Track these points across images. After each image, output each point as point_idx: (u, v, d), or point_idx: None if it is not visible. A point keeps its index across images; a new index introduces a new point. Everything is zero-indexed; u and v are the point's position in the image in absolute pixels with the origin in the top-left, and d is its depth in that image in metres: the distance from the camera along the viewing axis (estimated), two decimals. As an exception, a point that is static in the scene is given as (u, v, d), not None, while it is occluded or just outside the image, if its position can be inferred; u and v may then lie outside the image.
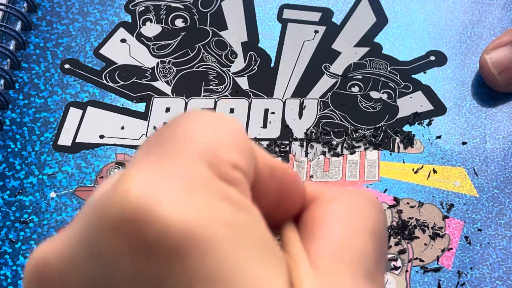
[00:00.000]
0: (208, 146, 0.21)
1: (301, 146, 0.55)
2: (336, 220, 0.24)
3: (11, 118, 0.57)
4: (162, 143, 0.21)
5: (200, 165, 0.20)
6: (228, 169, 0.21)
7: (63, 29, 0.62)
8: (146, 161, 0.20)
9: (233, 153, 0.21)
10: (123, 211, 0.19)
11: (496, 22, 0.62)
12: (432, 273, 0.49)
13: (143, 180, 0.19)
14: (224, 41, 0.61)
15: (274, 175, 0.24)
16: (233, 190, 0.21)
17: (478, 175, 0.54)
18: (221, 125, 0.22)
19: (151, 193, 0.19)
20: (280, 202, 0.25)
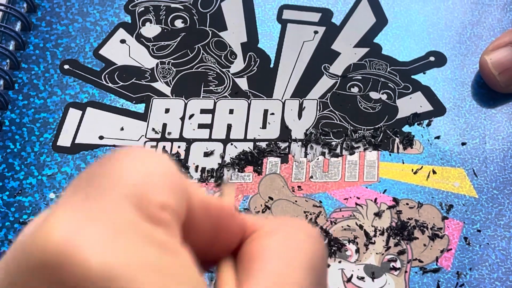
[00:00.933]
0: (136, 187, 0.21)
1: (301, 147, 0.55)
2: (271, 255, 0.24)
3: (11, 119, 0.57)
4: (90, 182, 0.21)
5: (126, 207, 0.20)
6: (156, 210, 0.21)
7: (63, 29, 0.62)
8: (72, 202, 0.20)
9: (162, 193, 0.21)
10: (44, 256, 0.19)
11: (496, 23, 0.62)
12: (431, 274, 0.49)
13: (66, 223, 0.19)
14: (224, 42, 0.61)
15: (209, 212, 0.24)
16: (160, 231, 0.20)
17: (478, 176, 0.54)
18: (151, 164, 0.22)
19: (73, 237, 0.19)
20: (216, 238, 0.24)
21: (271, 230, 0.25)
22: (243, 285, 0.23)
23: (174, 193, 0.22)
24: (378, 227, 0.51)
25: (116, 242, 0.19)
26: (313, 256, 0.24)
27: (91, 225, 0.19)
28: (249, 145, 0.55)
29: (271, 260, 0.23)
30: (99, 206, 0.20)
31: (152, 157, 0.22)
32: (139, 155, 0.22)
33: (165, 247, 0.20)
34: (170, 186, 0.22)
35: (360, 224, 0.51)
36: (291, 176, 0.54)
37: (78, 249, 0.19)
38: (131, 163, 0.22)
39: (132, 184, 0.21)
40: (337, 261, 0.50)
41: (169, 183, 0.22)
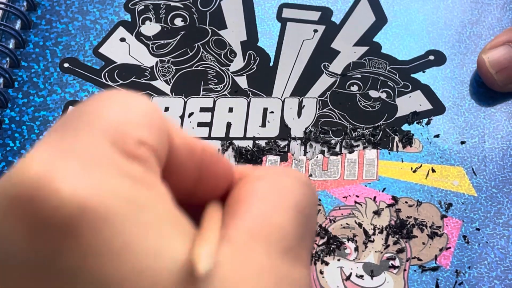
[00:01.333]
0: (114, 123, 0.21)
1: (300, 145, 0.55)
2: (258, 197, 0.24)
3: (10, 117, 0.57)
4: (69, 122, 0.21)
5: (102, 141, 0.21)
6: (133, 145, 0.21)
7: (63, 28, 0.62)
8: (49, 140, 0.21)
9: (141, 130, 0.21)
10: (18, 188, 0.19)
11: (495, 22, 0.62)
12: (430, 272, 0.49)
13: (42, 158, 0.20)
14: (224, 40, 0.61)
15: (192, 154, 0.24)
16: (135, 166, 0.21)
17: (477, 175, 0.54)
18: (132, 104, 0.22)
19: (47, 170, 0.19)
20: (201, 179, 0.25)
21: (259, 175, 0.25)
22: (227, 225, 0.23)
23: (153, 131, 0.22)
24: (377, 225, 0.51)
25: (90, 175, 0.19)
26: (300, 200, 0.24)
27: (66, 159, 0.20)
28: (249, 143, 0.55)
29: (257, 202, 0.24)
30: (75, 141, 0.20)
31: (133, 98, 0.23)
32: (119, 95, 0.22)
33: (140, 181, 0.21)
34: (149, 124, 0.22)
35: (359, 223, 0.51)
36: (291, 174, 0.54)
37: (51, 181, 0.19)
38: (111, 103, 0.22)
39: (109, 121, 0.21)
40: (336, 259, 0.50)
41: (148, 121, 0.22)
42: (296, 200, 0.24)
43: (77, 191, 0.19)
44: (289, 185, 0.25)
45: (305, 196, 0.25)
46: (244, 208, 0.23)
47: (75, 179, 0.19)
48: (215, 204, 0.25)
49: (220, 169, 0.25)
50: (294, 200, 0.24)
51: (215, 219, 0.23)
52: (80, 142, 0.20)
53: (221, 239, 0.22)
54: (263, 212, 0.23)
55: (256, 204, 0.23)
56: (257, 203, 0.24)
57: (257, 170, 0.26)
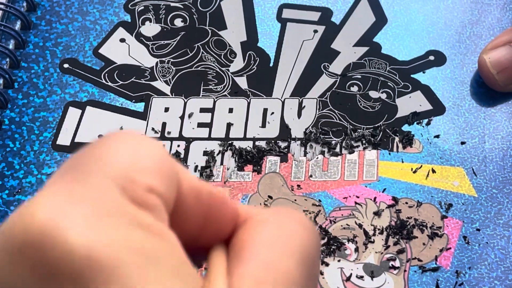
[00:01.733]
0: (123, 169, 0.21)
1: (300, 146, 0.55)
2: (263, 243, 0.23)
3: (10, 118, 0.57)
4: (78, 165, 0.21)
5: (112, 189, 0.20)
6: (142, 193, 0.21)
7: (63, 28, 0.62)
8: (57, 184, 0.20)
9: (150, 176, 0.21)
10: (26, 235, 0.19)
11: (496, 22, 0.62)
12: (431, 273, 0.49)
13: (49, 204, 0.19)
14: (223, 41, 0.61)
15: (199, 199, 0.24)
16: (145, 215, 0.20)
17: (477, 175, 0.54)
18: (141, 148, 0.22)
19: (56, 218, 0.19)
20: (207, 225, 0.24)
21: (263, 219, 0.25)
22: (233, 273, 0.22)
23: (162, 177, 0.22)
24: (377, 226, 0.51)
25: (99, 224, 0.19)
26: (305, 246, 0.24)
27: (75, 207, 0.19)
28: (249, 144, 0.55)
29: (262, 248, 0.23)
30: (85, 188, 0.20)
31: (142, 141, 0.22)
32: (128, 138, 0.22)
33: (150, 230, 0.20)
34: (159, 170, 0.22)
35: (359, 223, 0.51)
36: (291, 175, 0.54)
37: (60, 229, 0.19)
38: (119, 146, 0.22)
39: (119, 167, 0.21)
40: (336, 260, 0.50)
41: (158, 167, 0.22)
42: (301, 245, 0.24)
43: (88, 241, 0.19)
44: (294, 230, 0.24)
45: (309, 241, 0.24)
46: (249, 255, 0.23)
47: (83, 228, 0.19)
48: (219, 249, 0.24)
49: (227, 213, 0.25)
50: (299, 246, 0.24)
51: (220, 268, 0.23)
52: (89, 188, 0.20)
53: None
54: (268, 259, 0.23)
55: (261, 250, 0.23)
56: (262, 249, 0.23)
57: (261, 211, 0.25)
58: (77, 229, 0.19)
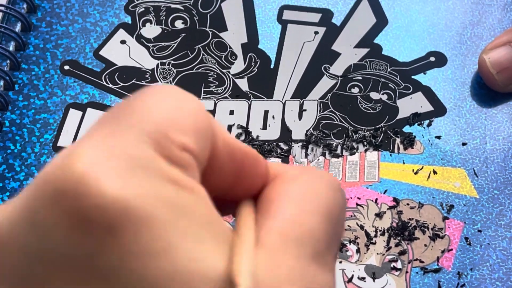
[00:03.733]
0: (160, 126, 0.21)
1: (301, 147, 0.55)
2: (290, 199, 0.24)
3: (11, 119, 0.57)
4: (116, 117, 0.22)
5: (148, 145, 0.21)
6: (176, 150, 0.21)
7: (63, 30, 0.62)
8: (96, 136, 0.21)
9: (186, 134, 0.22)
10: (63, 184, 0.19)
11: (496, 23, 0.62)
12: (432, 274, 0.49)
13: (87, 156, 0.20)
14: (224, 43, 0.61)
15: (233, 156, 0.25)
16: (177, 171, 0.21)
17: (478, 176, 0.54)
18: (178, 104, 0.22)
19: (92, 169, 0.19)
20: (239, 181, 0.25)
21: (292, 176, 0.25)
22: (261, 226, 0.23)
23: (197, 136, 0.22)
24: (379, 227, 0.51)
25: (133, 177, 0.20)
26: (331, 205, 0.25)
27: (110, 160, 0.20)
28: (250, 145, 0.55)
29: (289, 204, 0.24)
30: (120, 142, 0.21)
31: (180, 97, 0.23)
32: (168, 93, 0.23)
33: (182, 186, 0.21)
34: (195, 128, 0.22)
35: (361, 225, 0.51)
36: (292, 176, 0.54)
37: (95, 180, 0.19)
38: (158, 101, 0.22)
39: (156, 123, 0.21)
40: (338, 262, 0.50)
41: (194, 125, 0.22)
42: (327, 205, 0.24)
43: (121, 192, 0.19)
44: (321, 190, 0.25)
45: (336, 202, 0.25)
46: (276, 210, 0.24)
47: (119, 180, 0.20)
48: (248, 204, 0.25)
49: (258, 171, 0.26)
50: (325, 205, 0.24)
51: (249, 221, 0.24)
52: (125, 142, 0.21)
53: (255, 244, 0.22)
54: (294, 215, 0.24)
55: (288, 206, 0.24)
56: (289, 205, 0.24)
57: (291, 169, 0.26)
58: (111, 181, 0.19)
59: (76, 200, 0.19)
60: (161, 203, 0.20)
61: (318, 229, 0.24)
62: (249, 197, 0.26)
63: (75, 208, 0.19)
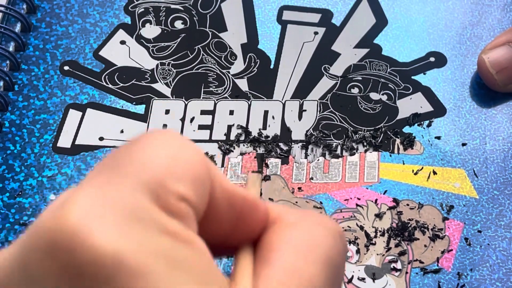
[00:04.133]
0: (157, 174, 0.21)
1: (301, 148, 0.55)
2: (290, 247, 0.24)
3: (11, 120, 0.57)
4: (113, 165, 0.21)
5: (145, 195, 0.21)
6: (173, 201, 0.21)
7: (63, 30, 0.62)
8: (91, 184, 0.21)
9: (184, 184, 0.21)
10: (56, 237, 0.19)
11: (496, 23, 0.62)
12: (432, 274, 0.49)
13: (81, 207, 0.20)
14: (224, 43, 0.61)
15: (232, 202, 0.24)
16: (175, 222, 0.21)
17: (478, 177, 0.54)
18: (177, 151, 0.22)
19: (86, 222, 0.19)
20: (238, 226, 0.25)
21: (292, 222, 0.25)
22: (259, 274, 0.23)
23: (195, 185, 0.22)
24: (378, 228, 0.51)
25: (129, 230, 0.20)
26: (331, 252, 0.24)
27: (106, 211, 0.20)
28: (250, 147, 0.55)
29: (288, 252, 0.24)
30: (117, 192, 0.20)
31: (179, 144, 0.23)
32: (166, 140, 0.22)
33: (179, 238, 0.21)
34: (193, 177, 0.22)
35: (360, 225, 0.51)
36: (292, 177, 0.54)
37: (91, 232, 0.19)
38: (156, 148, 0.22)
39: (153, 171, 0.21)
40: (338, 262, 0.50)
41: (192, 174, 0.22)
42: (327, 253, 0.24)
43: (115, 246, 0.19)
44: (321, 237, 0.25)
45: (336, 249, 0.25)
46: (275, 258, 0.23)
47: (113, 233, 0.19)
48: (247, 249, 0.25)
49: (258, 216, 0.25)
50: (325, 252, 0.24)
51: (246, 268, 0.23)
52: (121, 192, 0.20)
53: None
54: (294, 264, 0.23)
55: (288, 255, 0.24)
56: (289, 254, 0.24)
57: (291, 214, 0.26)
58: (107, 234, 0.19)
59: (69, 253, 0.19)
60: (157, 256, 0.20)
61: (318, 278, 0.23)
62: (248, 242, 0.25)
63: (67, 261, 0.19)
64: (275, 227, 0.25)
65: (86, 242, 0.19)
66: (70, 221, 0.19)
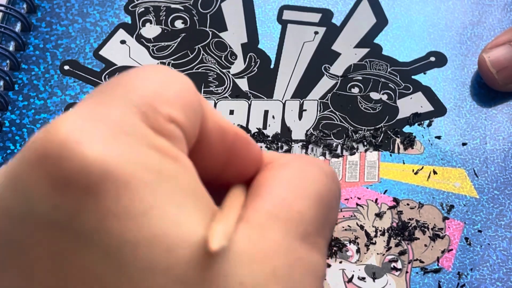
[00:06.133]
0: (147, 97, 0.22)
1: (301, 148, 0.55)
2: (280, 182, 0.24)
3: (11, 120, 0.57)
4: (105, 90, 0.22)
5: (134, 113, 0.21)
6: (162, 121, 0.21)
7: (63, 30, 0.62)
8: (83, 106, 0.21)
9: (173, 107, 0.22)
10: (46, 147, 0.20)
11: (496, 23, 0.62)
12: (432, 274, 0.49)
13: (71, 122, 0.20)
14: (224, 43, 0.61)
15: (224, 138, 0.24)
16: (163, 140, 0.21)
17: (478, 176, 0.54)
18: (168, 79, 0.23)
19: (75, 133, 0.20)
20: (230, 163, 0.25)
21: (285, 162, 0.25)
22: (247, 206, 0.23)
23: (186, 110, 0.22)
24: (379, 227, 0.51)
25: (116, 141, 0.20)
26: (323, 190, 0.24)
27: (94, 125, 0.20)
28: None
29: (279, 187, 0.24)
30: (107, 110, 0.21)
31: (170, 73, 0.23)
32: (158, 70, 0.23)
33: (166, 154, 0.21)
34: (183, 102, 0.22)
35: (361, 225, 0.51)
36: (292, 176, 0.54)
37: (80, 143, 0.20)
38: (147, 76, 0.22)
39: (143, 94, 0.22)
40: (338, 262, 0.50)
41: (182, 100, 0.22)
42: (318, 190, 0.24)
43: (102, 156, 0.20)
44: (313, 174, 0.25)
45: (327, 187, 0.25)
46: (265, 191, 0.24)
47: (101, 144, 0.20)
48: (239, 187, 0.25)
49: (250, 154, 0.26)
50: (316, 189, 0.24)
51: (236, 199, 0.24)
52: (111, 111, 0.21)
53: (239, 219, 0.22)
54: (284, 197, 0.23)
55: (278, 189, 0.24)
56: (279, 188, 0.24)
57: (284, 156, 0.26)
58: (94, 145, 0.20)
59: (57, 162, 0.19)
60: (143, 167, 0.20)
61: (308, 212, 0.23)
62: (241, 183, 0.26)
63: (55, 170, 0.19)
64: (267, 167, 0.25)
65: (74, 151, 0.19)
66: (59, 133, 0.20)
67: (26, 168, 0.20)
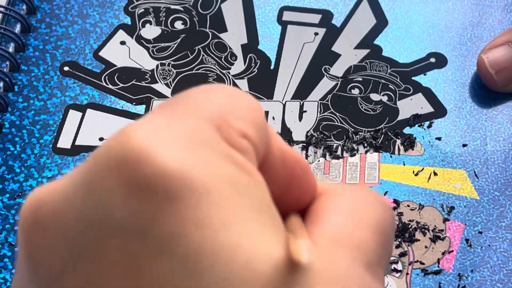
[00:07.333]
0: (219, 112, 0.21)
1: (301, 149, 0.55)
2: (340, 211, 0.24)
3: (11, 121, 0.57)
4: (175, 103, 0.21)
5: (208, 125, 0.21)
6: (236, 135, 0.21)
7: (63, 31, 0.62)
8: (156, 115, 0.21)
9: (245, 123, 0.21)
10: (124, 152, 0.19)
11: (496, 24, 0.62)
12: (433, 276, 0.49)
13: (148, 128, 0.20)
14: (224, 43, 0.61)
15: (286, 162, 0.24)
16: (237, 154, 0.21)
17: (479, 178, 0.54)
18: (238, 97, 0.22)
19: (154, 140, 0.19)
20: (288, 190, 0.25)
21: (340, 192, 0.25)
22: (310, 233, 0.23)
23: (255, 128, 0.22)
24: (379, 229, 0.51)
25: (194, 151, 0.20)
26: (381, 219, 0.24)
27: (172, 133, 0.20)
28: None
29: (339, 215, 0.23)
30: (181, 121, 0.20)
31: (240, 93, 0.23)
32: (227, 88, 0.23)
33: (242, 167, 0.21)
34: (253, 119, 0.22)
35: (361, 226, 0.51)
36: (292, 178, 0.54)
37: (159, 150, 0.19)
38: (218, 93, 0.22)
39: (216, 109, 0.21)
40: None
41: (252, 118, 0.22)
42: (377, 220, 0.24)
43: (181, 163, 0.19)
44: (370, 204, 0.24)
45: (385, 217, 0.24)
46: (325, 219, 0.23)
47: (179, 152, 0.19)
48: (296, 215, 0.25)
49: (308, 182, 0.25)
50: (375, 219, 0.24)
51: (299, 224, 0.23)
52: (186, 121, 0.20)
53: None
54: (345, 225, 0.23)
55: (338, 217, 0.23)
56: (339, 216, 0.23)
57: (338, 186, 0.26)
58: (173, 152, 0.19)
59: (137, 168, 0.19)
60: (222, 179, 0.20)
61: (370, 242, 0.23)
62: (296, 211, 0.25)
63: (135, 175, 0.19)
64: (322, 196, 0.25)
65: (153, 157, 0.19)
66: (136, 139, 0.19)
67: (101, 173, 0.19)
